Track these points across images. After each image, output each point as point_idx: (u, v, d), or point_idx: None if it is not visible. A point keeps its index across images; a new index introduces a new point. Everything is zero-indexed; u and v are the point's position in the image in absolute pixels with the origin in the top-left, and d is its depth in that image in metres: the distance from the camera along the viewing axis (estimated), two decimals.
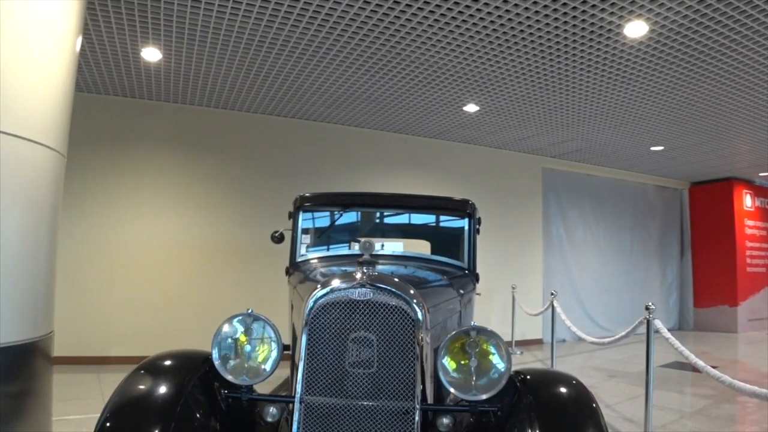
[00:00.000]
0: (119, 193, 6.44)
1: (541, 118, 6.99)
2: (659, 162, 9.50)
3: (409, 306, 1.99)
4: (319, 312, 2.02)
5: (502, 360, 1.93)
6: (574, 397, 1.92)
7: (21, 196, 3.00)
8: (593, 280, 9.98)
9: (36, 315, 3.19)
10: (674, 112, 6.55)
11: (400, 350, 1.97)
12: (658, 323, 4.11)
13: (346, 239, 3.87)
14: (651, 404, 4.04)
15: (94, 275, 6.25)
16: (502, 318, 8.52)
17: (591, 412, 1.84)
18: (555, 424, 1.79)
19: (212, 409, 2.05)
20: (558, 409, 1.87)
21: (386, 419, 1.94)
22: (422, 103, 6.58)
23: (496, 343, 1.95)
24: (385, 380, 1.97)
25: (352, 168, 7.65)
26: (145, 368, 2.09)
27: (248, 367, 2.10)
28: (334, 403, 1.97)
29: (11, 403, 2.97)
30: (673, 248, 11.43)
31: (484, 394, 1.90)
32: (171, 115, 6.74)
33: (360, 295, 2.00)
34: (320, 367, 2.00)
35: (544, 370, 2.16)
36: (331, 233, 3.81)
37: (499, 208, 8.81)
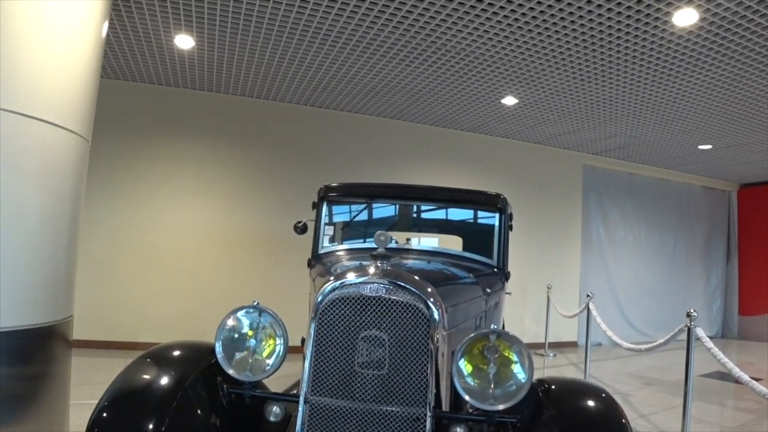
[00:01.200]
0: (152, 181, 6.49)
1: (583, 112, 6.70)
2: (707, 162, 9.03)
3: (424, 304, 1.85)
4: (328, 308, 1.91)
5: (524, 369, 1.77)
6: (601, 411, 1.75)
7: (43, 180, 2.98)
8: (633, 282, 9.60)
9: (56, 299, 3.18)
10: (725, 108, 6.17)
11: (413, 352, 1.84)
12: (700, 331, 3.84)
13: (371, 232, 3.76)
14: (689, 417, 3.79)
15: (126, 262, 6.32)
16: (536, 319, 8.28)
17: (617, 428, 1.66)
18: None
19: (213, 405, 1.96)
20: (582, 425, 1.70)
21: (395, 425, 1.82)
22: (460, 95, 6.39)
23: (518, 349, 1.79)
24: (396, 383, 1.84)
25: (387, 160, 7.53)
26: (148, 357, 2.04)
27: (252, 362, 2.01)
28: (340, 405, 1.85)
29: (28, 385, 2.97)
30: (719, 252, 10.90)
31: (501, 405, 1.74)
32: (204, 104, 6.75)
33: (371, 291, 1.87)
34: (328, 367, 1.89)
35: (571, 380, 1.98)
36: (356, 225, 3.69)
37: (537, 206, 8.55)
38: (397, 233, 3.82)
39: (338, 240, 3.58)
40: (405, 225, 3.79)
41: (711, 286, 10.76)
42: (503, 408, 1.74)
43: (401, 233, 3.80)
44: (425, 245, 3.55)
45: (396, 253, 3.15)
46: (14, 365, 2.89)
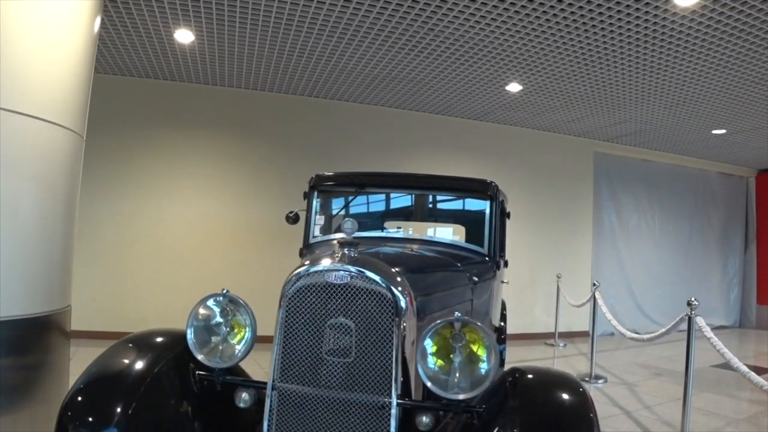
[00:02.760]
0: (157, 175, 6.57)
1: (590, 98, 6.58)
2: (722, 147, 8.80)
3: (390, 291, 1.84)
4: (295, 296, 1.92)
5: (489, 358, 1.74)
6: (567, 403, 1.71)
7: (37, 176, 3.04)
8: (647, 271, 9.42)
9: (52, 290, 3.24)
10: (736, 91, 6.00)
11: (379, 339, 1.83)
12: (700, 320, 3.75)
13: (364, 221, 3.74)
14: (689, 408, 3.73)
15: (132, 255, 6.42)
16: (547, 309, 8.20)
17: (583, 421, 1.62)
18: (540, 423, 1.62)
19: (184, 390, 1.98)
20: (547, 415, 1.66)
21: (361, 413, 1.81)
22: (463, 83, 6.31)
23: (483, 338, 1.76)
24: (361, 371, 1.83)
25: (393, 150, 7.50)
26: (123, 344, 2.08)
27: (222, 349, 2.02)
28: (308, 392, 1.86)
29: (27, 375, 3.04)
30: (736, 240, 10.63)
31: (464, 394, 1.72)
32: (206, 98, 6.79)
33: (337, 278, 1.87)
34: (295, 354, 1.90)
35: (542, 369, 1.95)
36: (347, 214, 3.68)
37: (547, 194, 8.45)
38: (391, 222, 3.81)
39: (331, 229, 3.58)
40: (397, 214, 3.77)
41: (728, 274, 10.51)
42: (467, 397, 1.72)
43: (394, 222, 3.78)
44: (417, 234, 3.53)
45: (381, 242, 3.14)
46: (13, 355, 2.95)
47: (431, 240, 3.24)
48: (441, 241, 3.26)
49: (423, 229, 3.89)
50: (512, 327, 7.94)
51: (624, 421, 4.38)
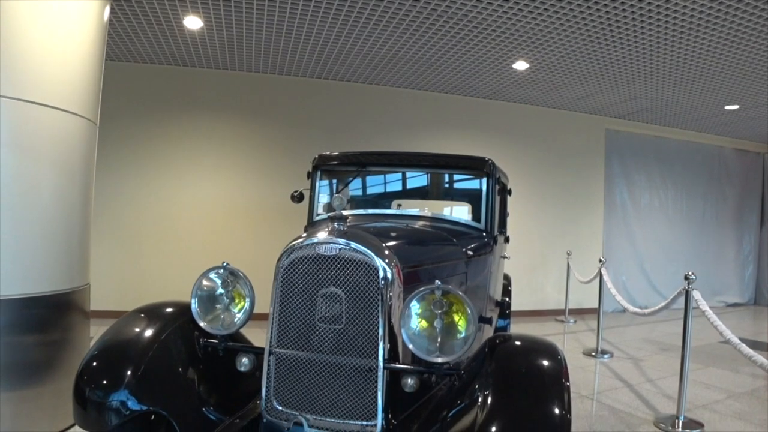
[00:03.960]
0: (171, 159, 6.75)
1: (599, 75, 6.55)
2: (736, 123, 8.68)
3: (376, 262, 1.95)
4: (290, 267, 2.04)
5: (467, 324, 1.86)
6: (540, 368, 1.81)
7: (54, 162, 3.23)
8: (660, 248, 9.40)
9: (71, 268, 3.42)
10: (749, 66, 5.92)
11: (366, 307, 1.95)
12: (697, 294, 3.81)
13: (364, 199, 3.86)
14: (686, 382, 3.80)
15: (150, 236, 6.64)
16: (558, 286, 8.27)
17: (553, 384, 1.72)
18: (509, 393, 1.71)
19: (189, 355, 2.15)
20: (517, 378, 1.76)
21: (351, 375, 1.95)
22: (469, 62, 6.34)
23: (463, 306, 1.87)
24: (351, 337, 1.96)
25: (401, 130, 7.57)
26: (133, 314, 2.25)
27: (224, 318, 2.17)
28: (302, 356, 2.00)
29: (49, 351, 3.24)
30: (752, 217, 10.51)
31: (442, 358, 1.84)
32: (217, 82, 6.92)
33: (327, 250, 1.99)
34: (291, 322, 2.03)
35: (523, 336, 2.05)
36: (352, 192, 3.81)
37: (557, 172, 8.47)
38: (398, 201, 3.92)
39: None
40: (399, 192, 3.87)
41: (743, 252, 10.43)
42: (446, 361, 1.84)
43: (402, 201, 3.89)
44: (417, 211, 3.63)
45: (378, 218, 3.26)
46: (37, 332, 3.16)
47: (429, 216, 3.35)
48: (439, 217, 3.36)
49: (424, 206, 3.98)
50: (524, 304, 8.07)
51: (626, 393, 4.47)
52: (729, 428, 3.73)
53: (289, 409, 2.00)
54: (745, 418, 3.94)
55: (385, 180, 3.79)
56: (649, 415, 3.93)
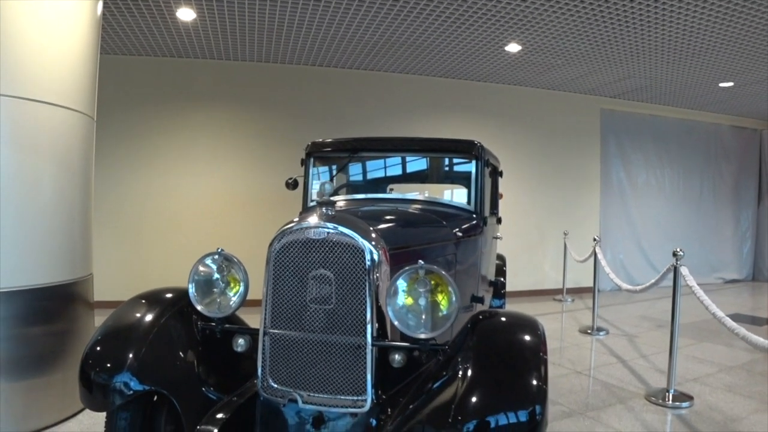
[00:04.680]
0: (169, 150, 6.83)
1: (591, 55, 6.57)
2: (732, 100, 8.69)
3: (362, 245, 2.03)
4: (281, 251, 2.13)
5: (450, 301, 1.95)
6: (517, 341, 1.90)
7: (53, 157, 3.33)
8: (657, 227, 9.47)
9: (74, 259, 3.53)
10: (741, 42, 5.93)
11: (355, 288, 2.04)
12: (684, 270, 3.89)
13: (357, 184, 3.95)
14: (676, 356, 3.88)
15: (151, 227, 6.75)
16: (555, 265, 8.37)
17: (531, 357, 1.81)
18: (488, 365, 1.80)
19: (188, 338, 2.25)
20: (496, 352, 1.86)
21: (340, 353, 2.04)
22: (462, 45, 6.37)
23: (444, 284, 1.96)
24: (340, 316, 2.05)
25: (395, 115, 7.61)
26: (133, 300, 2.36)
27: (220, 301, 2.27)
28: (294, 336, 2.09)
29: (56, 341, 3.35)
30: (750, 193, 10.54)
31: (428, 334, 1.93)
32: (211, 72, 6.96)
33: (316, 234, 2.07)
34: (283, 303, 2.12)
35: (507, 312, 2.14)
36: (345, 180, 3.89)
37: (553, 153, 8.53)
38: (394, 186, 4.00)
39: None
40: (391, 176, 3.95)
41: (741, 228, 10.48)
42: (429, 336, 1.94)
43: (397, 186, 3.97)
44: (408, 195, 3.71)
45: (370, 202, 3.35)
46: (43, 323, 3.28)
47: (420, 199, 3.43)
48: (430, 200, 3.45)
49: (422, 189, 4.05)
50: (522, 284, 8.18)
51: (619, 369, 4.58)
52: (718, 400, 3.83)
53: (284, 387, 2.10)
54: (735, 391, 4.04)
55: (380, 165, 3.87)
56: (640, 389, 4.03)
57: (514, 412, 1.64)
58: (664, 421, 3.45)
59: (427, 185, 4.08)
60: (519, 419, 1.64)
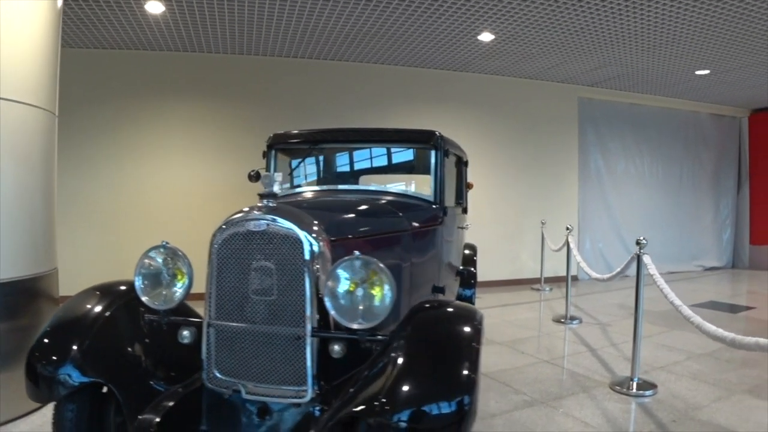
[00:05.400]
0: (140, 143, 6.77)
1: (566, 43, 6.57)
2: (709, 88, 8.73)
3: (302, 236, 2.04)
4: (224, 243, 2.14)
5: (386, 292, 1.96)
6: (452, 332, 1.91)
7: (13, 154, 3.30)
8: (636, 215, 9.53)
9: (37, 255, 3.52)
10: (716, 29, 5.93)
11: (294, 279, 2.05)
12: (647, 259, 3.91)
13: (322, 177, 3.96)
14: (640, 345, 3.88)
15: (124, 221, 6.70)
16: (533, 255, 8.41)
17: (464, 349, 1.82)
18: (418, 355, 1.81)
19: (135, 330, 2.28)
20: (428, 342, 1.87)
21: (281, 344, 2.06)
22: (434, 35, 6.35)
23: (380, 274, 1.97)
24: (281, 307, 2.07)
25: (371, 106, 7.58)
26: (83, 293, 2.39)
27: (165, 294, 2.28)
28: (237, 327, 2.11)
29: (20, 337, 3.33)
30: (729, 181, 10.63)
31: (365, 324, 1.95)
32: (181, 64, 6.89)
33: (256, 226, 2.08)
34: (227, 295, 2.13)
35: (447, 302, 2.16)
36: (306, 171, 3.90)
37: (531, 141, 8.55)
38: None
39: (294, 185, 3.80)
40: (352, 169, 3.96)
41: (720, 216, 10.57)
42: (364, 327, 1.95)
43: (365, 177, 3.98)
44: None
45: (326, 194, 3.36)
46: (7, 319, 3.26)
47: (380, 190, 3.43)
48: (389, 191, 3.45)
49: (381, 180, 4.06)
50: (500, 273, 8.23)
51: (587, 357, 4.60)
52: (682, 388, 3.84)
53: (228, 377, 2.12)
54: (700, 378, 4.05)
55: (344, 156, 3.87)
56: (606, 378, 4.04)
57: (441, 402, 1.66)
58: (626, 410, 3.46)
59: (393, 176, 4.09)
60: (446, 409, 1.65)
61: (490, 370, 4.21)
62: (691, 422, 3.25)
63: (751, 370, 4.25)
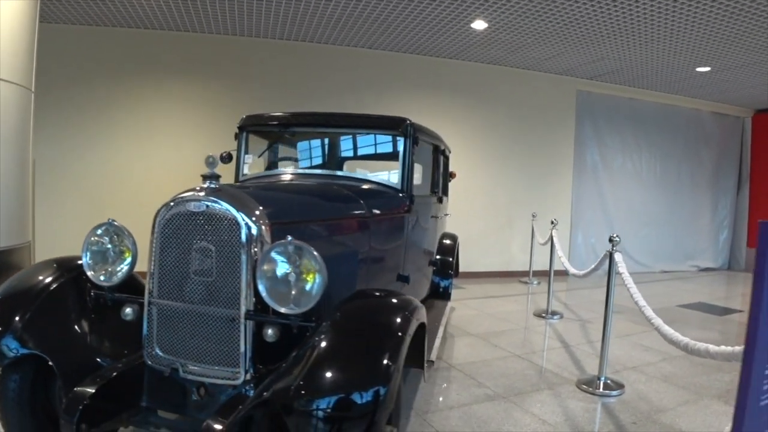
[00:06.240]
0: (125, 122, 6.75)
1: (562, 34, 6.46)
2: (711, 85, 8.58)
3: (240, 218, 2.04)
4: (167, 223, 2.14)
5: (316, 279, 1.96)
6: (378, 321, 1.91)
7: None
8: (632, 212, 9.43)
9: (10, 228, 3.56)
10: (714, 25, 5.81)
11: (232, 261, 2.05)
12: (618, 257, 3.87)
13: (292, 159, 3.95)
14: (608, 344, 3.82)
15: (106, 200, 6.72)
16: (524, 247, 8.37)
17: (387, 339, 1.82)
18: (341, 344, 1.81)
19: (80, 305, 2.31)
20: (353, 330, 1.87)
21: (217, 324, 2.07)
22: (427, 21, 6.26)
23: (311, 260, 1.97)
24: (218, 288, 2.07)
25: (364, 91, 7.51)
26: (33, 267, 2.41)
27: (110, 270, 2.29)
28: (177, 306, 2.12)
29: None
30: (729, 182, 10.46)
31: (296, 309, 1.96)
32: (169, 43, 6.83)
33: (196, 207, 2.08)
34: (168, 274, 2.14)
35: (382, 291, 2.16)
36: (277, 155, 3.89)
37: (527, 133, 8.46)
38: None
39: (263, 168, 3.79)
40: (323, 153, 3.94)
41: (718, 216, 10.43)
42: (294, 312, 1.96)
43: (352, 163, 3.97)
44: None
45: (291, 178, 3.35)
46: None
47: (345, 176, 3.42)
48: (356, 177, 3.44)
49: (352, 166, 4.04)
50: (490, 264, 8.21)
51: (560, 354, 4.55)
52: (650, 390, 3.78)
53: (168, 356, 2.14)
54: (671, 381, 3.98)
55: (317, 141, 3.86)
56: (574, 376, 3.98)
57: (356, 391, 1.66)
58: (587, 409, 3.39)
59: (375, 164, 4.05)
60: (360, 399, 1.65)
61: (458, 361, 4.20)
62: (651, 425, 3.20)
63: (724, 375, 4.17)
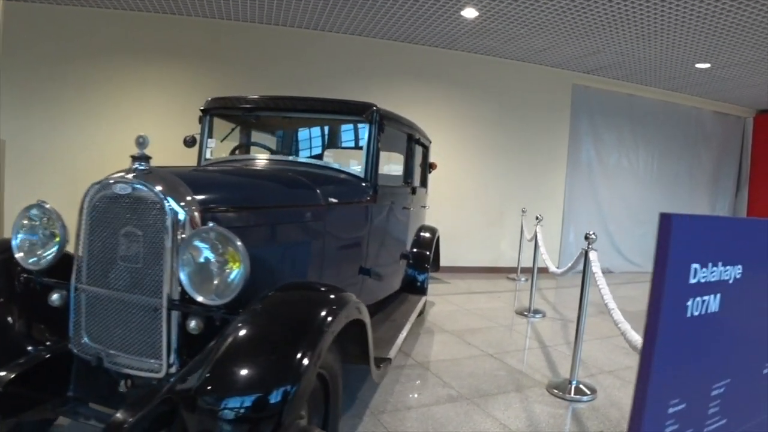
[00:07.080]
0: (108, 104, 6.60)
1: (555, 25, 6.26)
2: (711, 83, 8.36)
3: (165, 202, 1.93)
4: (95, 206, 2.04)
5: (239, 270, 1.86)
6: (298, 315, 1.81)
7: None
8: (627, 210, 9.25)
9: None
10: (713, 20, 5.62)
11: (157, 247, 1.95)
12: (593, 255, 3.74)
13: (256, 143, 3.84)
14: (580, 347, 3.66)
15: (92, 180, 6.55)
16: (513, 244, 8.24)
17: (306, 335, 1.71)
18: (256, 338, 1.70)
19: (8, 289, 2.20)
20: (269, 324, 1.76)
21: (140, 314, 1.97)
22: (416, 8, 6.06)
23: (233, 247, 1.87)
24: (143, 276, 1.97)
25: (351, 78, 7.32)
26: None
27: (40, 253, 2.20)
28: (102, 293, 2.02)
29: None
30: (728, 182, 10.26)
31: (218, 300, 1.87)
32: (154, 26, 6.65)
33: (121, 189, 1.98)
34: (96, 259, 2.04)
35: (311, 284, 2.05)
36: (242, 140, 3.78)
37: (519, 126, 8.27)
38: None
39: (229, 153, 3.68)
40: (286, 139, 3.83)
41: None
42: (216, 303, 1.86)
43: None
44: None
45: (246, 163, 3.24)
46: None
47: (304, 162, 3.31)
48: (316, 164, 3.33)
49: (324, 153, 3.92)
50: (479, 260, 8.09)
51: (535, 354, 4.40)
52: (624, 395, 3.63)
53: (95, 344, 2.05)
54: None
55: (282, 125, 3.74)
56: (546, 378, 3.83)
57: (263, 389, 1.55)
58: (554, 415, 3.23)
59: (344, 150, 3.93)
60: (267, 397, 1.54)
61: (427, 359, 4.07)
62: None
63: None
